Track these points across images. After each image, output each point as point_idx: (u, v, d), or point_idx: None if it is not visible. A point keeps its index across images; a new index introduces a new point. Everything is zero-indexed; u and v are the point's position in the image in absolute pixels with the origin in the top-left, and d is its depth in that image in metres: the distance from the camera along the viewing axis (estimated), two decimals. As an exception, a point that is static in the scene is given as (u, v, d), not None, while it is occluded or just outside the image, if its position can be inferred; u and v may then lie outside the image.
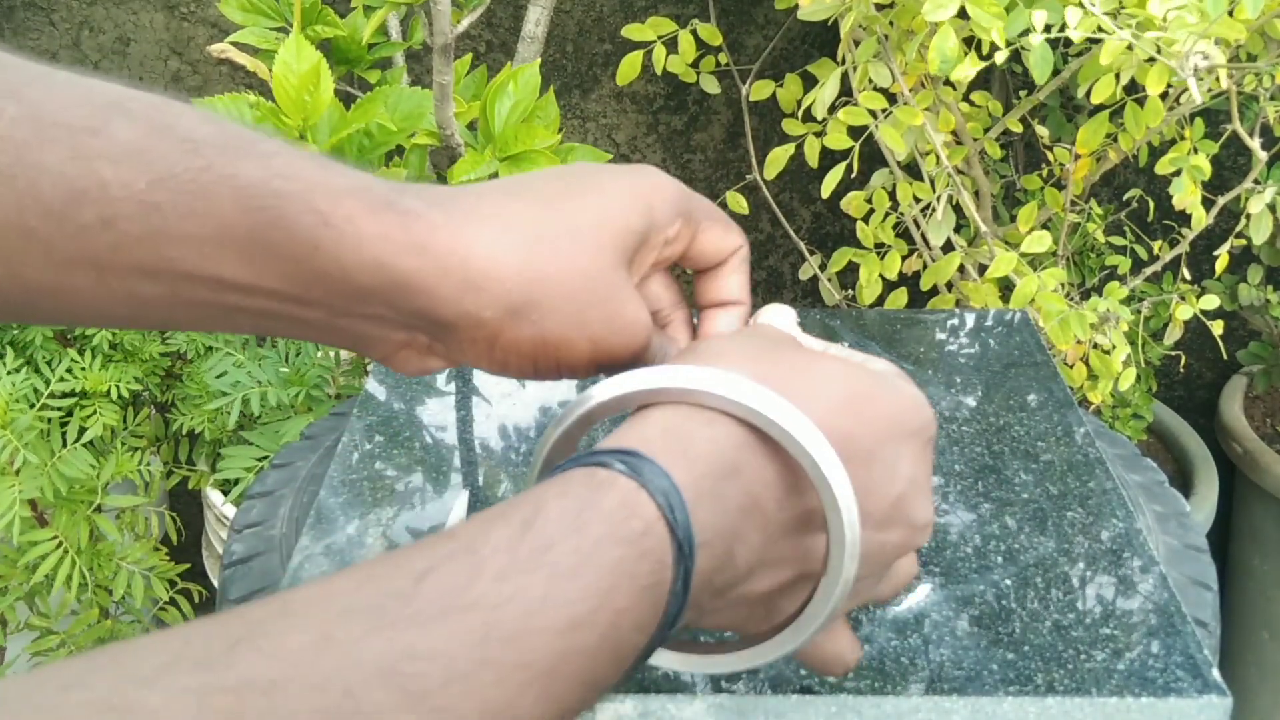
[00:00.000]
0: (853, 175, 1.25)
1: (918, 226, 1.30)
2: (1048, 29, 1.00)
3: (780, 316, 0.52)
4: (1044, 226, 1.31)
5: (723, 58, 1.44)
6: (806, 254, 1.50)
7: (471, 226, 0.43)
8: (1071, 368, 1.19)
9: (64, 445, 1.21)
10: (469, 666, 0.32)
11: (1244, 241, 1.29)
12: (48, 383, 1.21)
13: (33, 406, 1.19)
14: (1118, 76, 1.10)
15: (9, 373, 1.19)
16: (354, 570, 0.33)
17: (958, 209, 1.27)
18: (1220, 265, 1.29)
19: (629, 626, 0.35)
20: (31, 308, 0.41)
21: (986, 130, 1.32)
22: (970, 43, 1.05)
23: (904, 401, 0.44)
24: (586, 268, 0.44)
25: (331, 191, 0.41)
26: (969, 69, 1.03)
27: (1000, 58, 1.00)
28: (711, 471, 0.38)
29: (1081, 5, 0.98)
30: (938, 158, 1.20)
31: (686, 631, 0.41)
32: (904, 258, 1.32)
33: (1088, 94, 1.14)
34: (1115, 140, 1.26)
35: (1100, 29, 0.98)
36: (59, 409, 1.21)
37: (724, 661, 0.44)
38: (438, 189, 0.45)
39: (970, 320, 0.88)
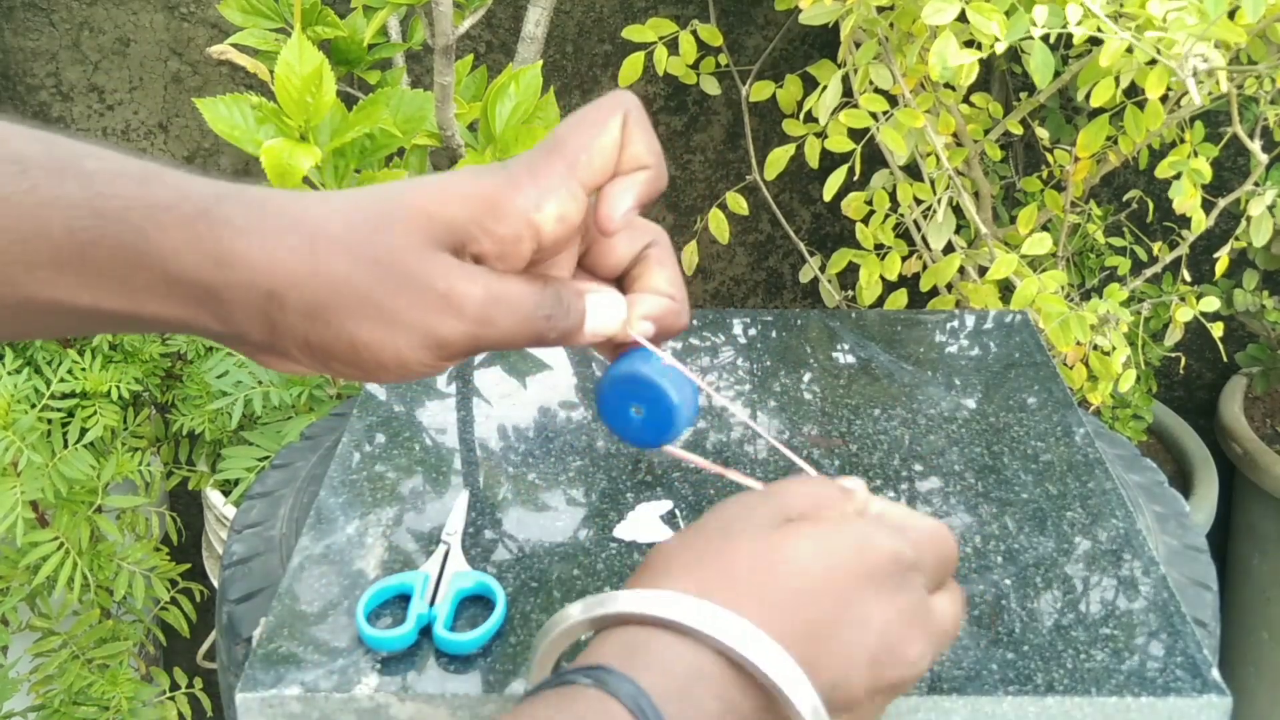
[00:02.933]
0: (855, 178, 1.25)
1: (918, 228, 1.30)
2: (1045, 37, 1.00)
3: (612, 311, 0.51)
4: (1043, 228, 1.31)
5: (723, 58, 1.44)
6: (806, 255, 1.50)
7: (273, 233, 0.43)
8: (1072, 369, 1.19)
9: (65, 446, 1.21)
10: None
11: (1244, 244, 1.29)
12: (49, 384, 1.21)
13: (34, 407, 1.19)
14: (1117, 79, 1.10)
15: (10, 374, 1.19)
16: None
17: (958, 210, 1.27)
18: (1220, 268, 1.29)
19: None
20: None
21: (987, 132, 1.32)
22: (968, 45, 1.05)
23: (858, 550, 0.42)
24: (383, 259, 0.43)
25: (149, 206, 0.42)
26: (969, 65, 1.03)
27: (1000, 48, 0.99)
28: (677, 675, 0.39)
29: (1082, 3, 0.98)
30: (938, 159, 1.20)
31: None
32: (904, 259, 1.32)
33: (1087, 96, 1.14)
34: (1115, 143, 1.26)
35: (1100, 29, 0.98)
36: (60, 410, 1.21)
37: None
38: (262, 191, 0.44)
39: (970, 321, 0.89)
